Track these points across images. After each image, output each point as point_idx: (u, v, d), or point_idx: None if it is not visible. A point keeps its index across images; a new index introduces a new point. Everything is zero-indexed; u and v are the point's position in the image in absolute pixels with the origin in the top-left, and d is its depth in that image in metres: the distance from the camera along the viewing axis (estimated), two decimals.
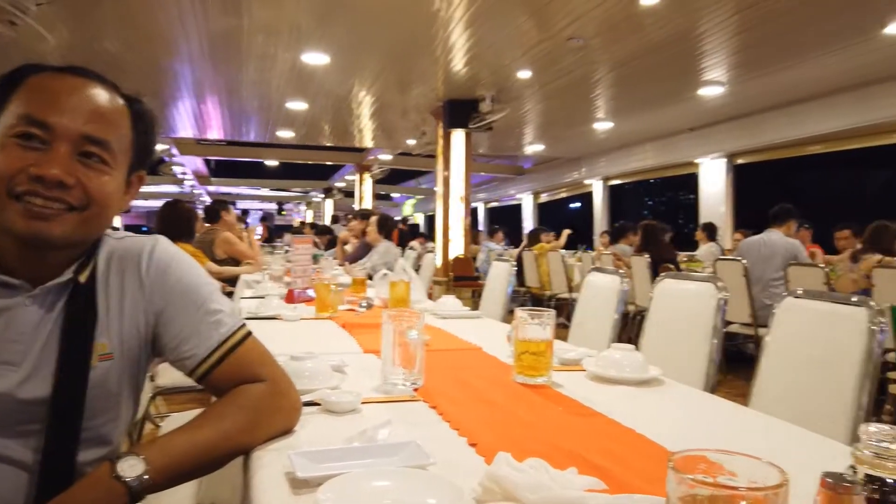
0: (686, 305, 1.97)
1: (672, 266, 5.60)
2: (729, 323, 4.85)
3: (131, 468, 0.85)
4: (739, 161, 9.17)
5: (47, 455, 0.91)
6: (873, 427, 0.63)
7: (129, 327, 0.99)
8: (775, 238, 4.92)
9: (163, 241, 1.06)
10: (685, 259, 7.51)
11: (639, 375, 1.45)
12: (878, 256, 4.15)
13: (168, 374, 2.51)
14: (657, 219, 7.47)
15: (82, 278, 0.96)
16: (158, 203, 4.27)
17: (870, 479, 0.60)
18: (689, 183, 10.60)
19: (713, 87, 6.91)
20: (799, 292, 1.62)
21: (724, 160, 9.14)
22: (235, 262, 4.63)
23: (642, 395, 1.37)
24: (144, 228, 22.96)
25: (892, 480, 0.60)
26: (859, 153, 8.20)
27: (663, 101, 7.71)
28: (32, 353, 0.92)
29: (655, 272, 5.49)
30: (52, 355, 0.93)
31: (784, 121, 7.92)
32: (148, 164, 1.06)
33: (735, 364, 5.29)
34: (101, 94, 0.95)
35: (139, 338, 1.01)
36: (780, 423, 1.19)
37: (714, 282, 1.91)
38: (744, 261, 4.80)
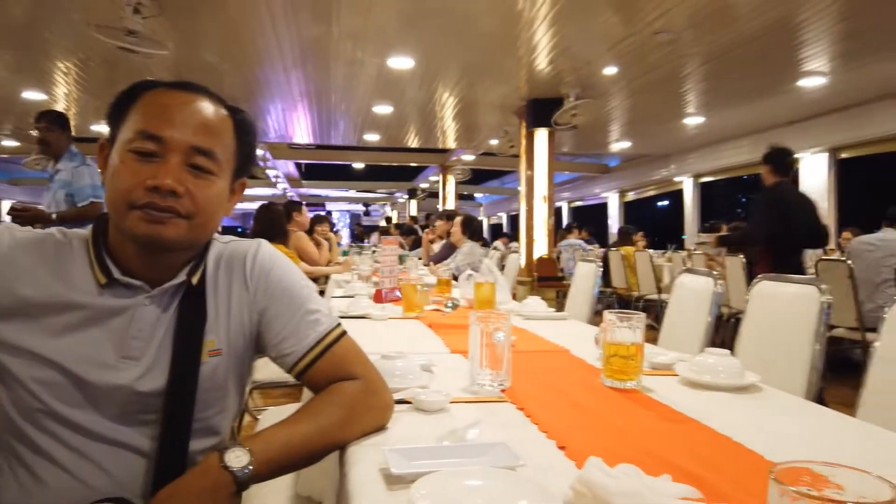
0: (786, 309, 1.88)
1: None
2: (833, 327, 4.58)
3: (238, 459, 0.90)
4: (844, 155, 8.62)
5: (163, 443, 0.99)
6: None
7: (235, 325, 1.06)
8: (890, 237, 4.60)
9: (265, 245, 1.12)
10: None
11: (735, 381, 1.39)
12: None
13: (264, 370, 2.63)
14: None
15: (194, 280, 1.03)
16: (253, 205, 4.47)
17: None
18: None
19: (814, 77, 6.52)
20: None
21: (827, 154, 8.61)
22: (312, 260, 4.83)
23: (739, 402, 1.32)
24: (239, 229, 24.07)
25: None
26: None
27: (759, 95, 7.34)
28: (151, 349, 1.00)
29: (751, 273, 5.25)
30: (167, 351, 1.00)
31: (893, 112, 7.37)
32: (249, 171, 1.12)
33: (839, 371, 4.98)
34: (207, 107, 1.01)
35: (244, 335, 1.07)
36: (891, 435, 1.12)
37: (817, 284, 1.81)
38: (849, 261, 4.51)
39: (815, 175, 8.83)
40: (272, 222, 4.00)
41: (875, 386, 1.52)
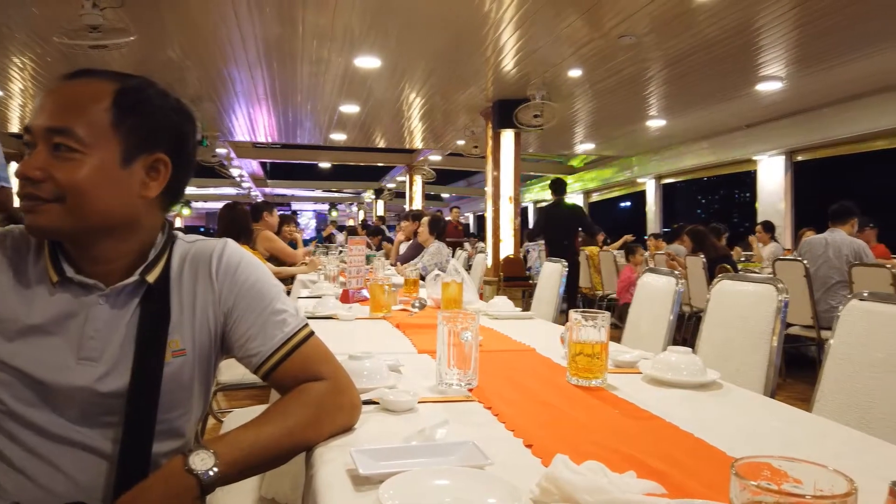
0: (745, 307, 1.93)
1: (729, 266, 5.46)
2: (789, 325, 4.71)
3: (202, 462, 0.89)
4: (799, 158, 8.87)
5: (125, 445, 0.97)
6: None
7: (200, 325, 1.04)
8: (839, 238, 4.73)
9: (231, 244, 1.10)
10: (742, 259, 7.32)
11: (697, 379, 1.43)
12: None
13: (229, 372, 2.59)
14: (711, 217, 7.30)
15: (150, 279, 1.01)
16: (217, 205, 4.41)
17: None
18: (744, 181, 10.32)
19: (771, 82, 6.70)
20: (864, 294, 1.57)
21: (783, 157, 8.85)
22: (278, 260, 4.76)
23: (700, 399, 1.35)
24: (202, 229, 23.66)
25: None
26: None
27: (718, 98, 7.51)
28: (110, 349, 0.98)
29: (711, 273, 5.37)
30: (129, 352, 0.98)
31: (846, 116, 7.62)
32: (166, 146, 1.01)
33: (796, 368, 5.13)
34: (73, 86, 0.97)
35: (210, 335, 1.06)
36: (844, 430, 1.16)
37: (774, 283, 1.86)
38: (805, 261, 4.64)
39: (772, 177, 9.07)
40: (236, 222, 3.94)
41: (830, 382, 1.57)
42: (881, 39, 5.42)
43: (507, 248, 7.49)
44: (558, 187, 7.06)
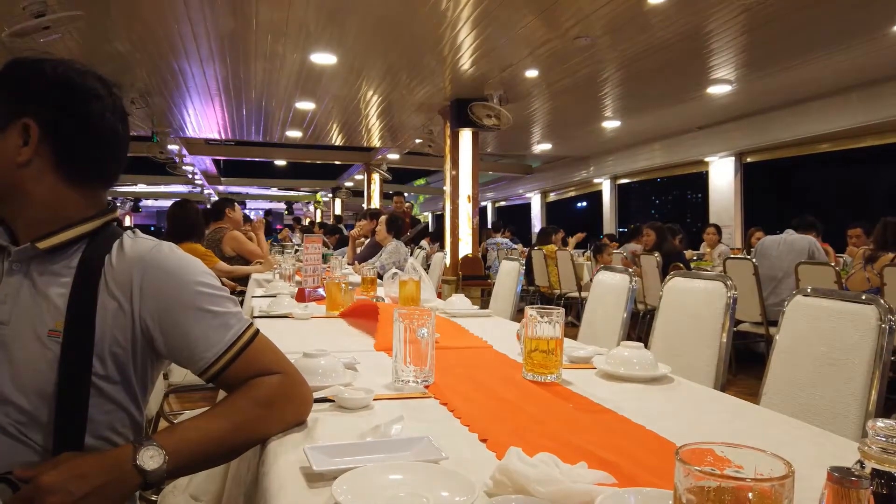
0: (696, 304, 1.98)
1: (682, 264, 5.60)
2: (739, 322, 4.86)
3: (152, 459, 0.87)
4: (748, 159, 9.14)
5: (57, 439, 0.95)
6: (881, 423, 0.63)
7: (122, 324, 0.99)
8: (792, 237, 4.95)
9: (167, 246, 1.04)
10: (694, 258, 7.50)
11: (649, 373, 1.46)
12: (890, 255, 4.14)
13: (180, 373, 2.53)
14: (664, 218, 7.47)
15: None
16: (168, 203, 4.30)
17: (877, 473, 0.61)
18: (696, 181, 10.58)
19: (721, 85, 6.89)
20: (808, 290, 1.63)
21: (733, 158, 9.10)
22: (245, 260, 4.66)
23: (652, 393, 1.38)
24: (152, 227, 23.07)
25: None
26: (869, 151, 8.17)
27: (671, 100, 7.69)
28: (17, 314, 0.98)
29: (665, 271, 5.49)
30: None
31: (793, 119, 7.89)
32: (35, 112, 1.00)
33: (746, 363, 5.28)
34: None
35: (133, 336, 1.00)
36: (789, 420, 1.20)
37: (724, 280, 1.91)
38: (753, 260, 4.81)
39: (722, 177, 9.32)
40: (187, 220, 3.85)
41: (775, 375, 1.62)
42: (823, 46, 5.64)
43: (466, 248, 7.51)
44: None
